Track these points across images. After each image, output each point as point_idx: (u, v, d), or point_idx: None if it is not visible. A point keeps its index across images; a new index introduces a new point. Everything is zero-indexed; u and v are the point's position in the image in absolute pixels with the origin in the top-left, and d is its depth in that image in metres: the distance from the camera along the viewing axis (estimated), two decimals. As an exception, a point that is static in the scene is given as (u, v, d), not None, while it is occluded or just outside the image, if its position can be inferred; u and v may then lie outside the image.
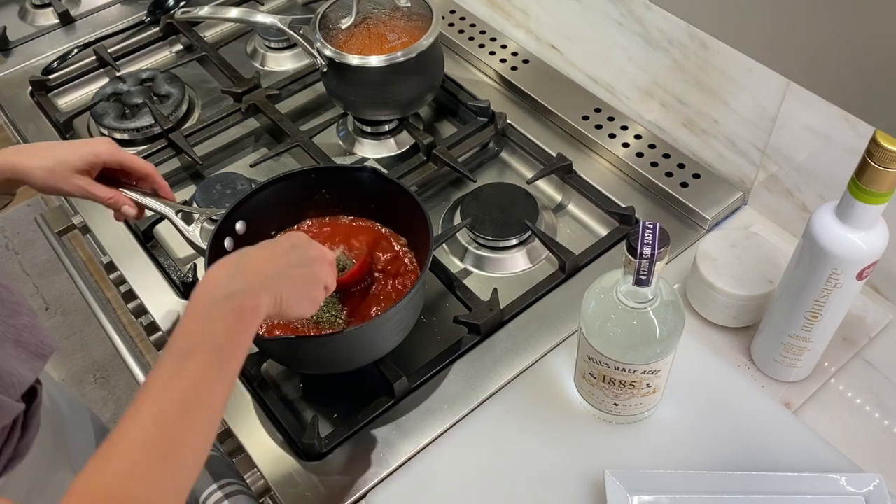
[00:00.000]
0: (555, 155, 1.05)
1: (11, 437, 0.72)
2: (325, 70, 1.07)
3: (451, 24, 1.27)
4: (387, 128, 1.13)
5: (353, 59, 1.02)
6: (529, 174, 1.06)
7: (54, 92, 1.24)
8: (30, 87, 1.22)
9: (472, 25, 1.26)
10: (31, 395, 0.76)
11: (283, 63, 1.28)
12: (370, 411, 0.82)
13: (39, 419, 0.77)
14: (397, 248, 0.88)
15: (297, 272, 0.64)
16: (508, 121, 1.11)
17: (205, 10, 1.18)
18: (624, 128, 1.08)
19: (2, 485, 0.71)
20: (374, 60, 1.02)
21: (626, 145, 1.05)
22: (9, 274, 0.75)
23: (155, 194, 0.86)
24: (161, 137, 1.13)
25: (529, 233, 0.97)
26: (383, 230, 0.90)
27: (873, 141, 0.61)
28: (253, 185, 0.98)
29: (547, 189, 1.07)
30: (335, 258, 0.73)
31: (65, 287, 2.14)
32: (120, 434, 0.50)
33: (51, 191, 0.79)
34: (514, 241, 0.97)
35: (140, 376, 0.95)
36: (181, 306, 0.93)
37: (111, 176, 0.83)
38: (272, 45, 1.28)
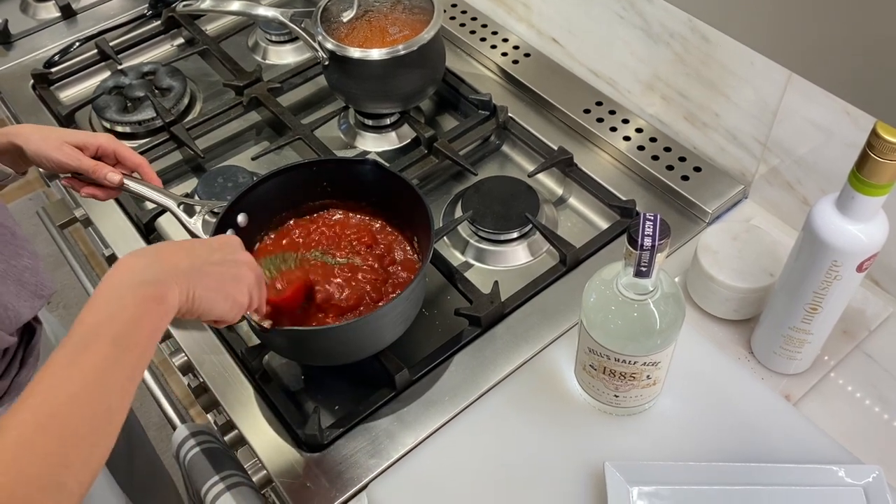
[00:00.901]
0: (556, 148, 1.05)
1: (8, 371, 0.74)
2: (326, 63, 1.07)
3: (453, 18, 1.27)
4: (388, 121, 1.13)
5: (355, 53, 1.02)
6: (530, 167, 1.06)
7: (56, 85, 1.24)
8: (31, 81, 1.22)
9: (474, 19, 1.26)
10: (31, 334, 0.78)
11: (284, 56, 1.28)
12: (371, 403, 0.82)
13: (38, 356, 0.79)
14: (398, 240, 0.89)
15: (216, 269, 0.62)
16: (510, 114, 1.11)
17: (206, 4, 1.17)
18: (625, 121, 1.08)
19: None
20: (376, 54, 1.02)
21: (627, 139, 1.06)
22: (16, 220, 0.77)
23: (157, 187, 0.86)
24: (163, 130, 1.14)
25: (530, 226, 0.97)
26: (379, 223, 0.90)
27: (874, 132, 0.61)
28: (254, 178, 0.98)
29: (548, 182, 1.07)
30: (262, 275, 0.70)
31: (67, 280, 2.13)
32: (3, 422, 0.48)
33: (43, 159, 0.79)
34: (515, 235, 0.97)
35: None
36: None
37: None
38: (273, 38, 1.28)
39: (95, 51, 1.27)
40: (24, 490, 0.45)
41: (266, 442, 0.81)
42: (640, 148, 1.04)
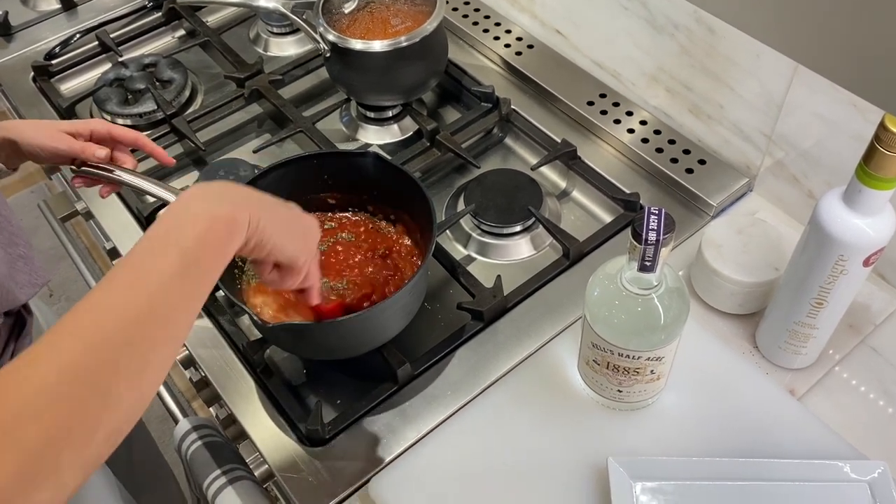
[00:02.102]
0: (559, 141, 1.04)
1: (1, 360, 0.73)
2: (328, 55, 1.06)
3: (455, 9, 1.26)
4: (390, 113, 1.12)
5: (357, 44, 1.02)
6: (534, 160, 1.06)
7: (57, 77, 1.23)
8: (32, 73, 1.22)
9: (477, 10, 1.25)
10: (21, 326, 0.78)
11: (285, 48, 1.27)
12: (373, 397, 0.82)
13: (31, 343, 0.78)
14: (400, 234, 0.88)
15: (286, 213, 0.62)
16: (513, 106, 1.10)
17: (207, -5, 1.17)
18: (629, 113, 1.07)
19: None
20: (378, 45, 1.01)
21: (631, 131, 1.05)
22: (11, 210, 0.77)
23: (157, 181, 0.86)
24: (164, 123, 1.13)
25: (533, 219, 0.97)
26: (385, 217, 0.90)
27: (882, 125, 0.60)
28: (256, 171, 0.97)
29: (551, 175, 1.06)
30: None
31: (68, 274, 2.14)
32: (57, 326, 0.46)
33: (37, 148, 0.79)
34: (517, 228, 0.97)
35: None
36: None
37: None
38: (275, 30, 1.27)
39: (96, 43, 1.26)
40: (77, 390, 0.43)
41: (268, 436, 0.81)
42: (645, 140, 1.03)
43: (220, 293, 0.92)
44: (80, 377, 0.44)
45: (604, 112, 1.08)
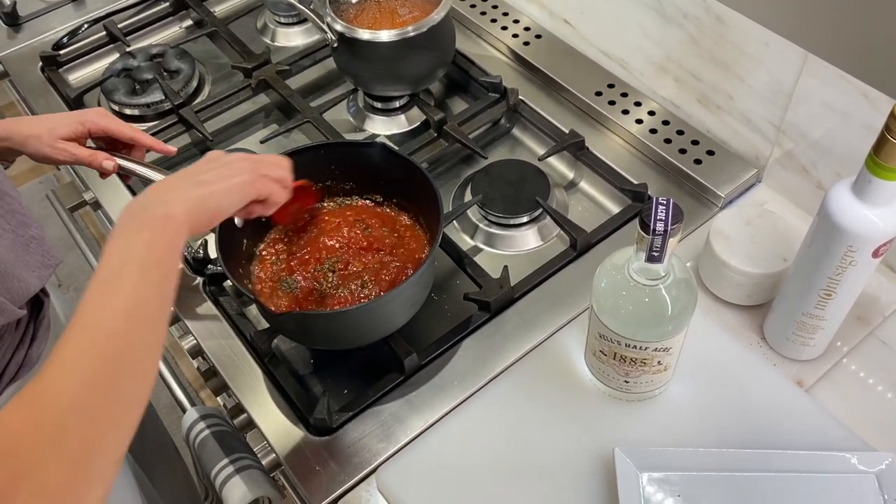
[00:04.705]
0: (567, 131, 1.04)
1: (21, 345, 0.75)
2: (335, 45, 1.06)
3: (463, -1, 1.25)
4: (397, 104, 1.12)
5: (364, 34, 1.01)
6: (541, 151, 1.05)
7: (65, 67, 1.23)
8: (40, 63, 1.22)
9: (484, 0, 1.25)
10: (39, 308, 0.79)
11: (293, 38, 1.27)
12: (380, 387, 0.82)
13: (49, 327, 0.79)
14: (407, 224, 0.88)
15: (212, 173, 0.65)
16: (520, 97, 1.10)
17: (214, -15, 1.17)
18: (637, 104, 1.06)
19: (12, 393, 0.73)
20: (385, 35, 1.01)
21: (639, 121, 1.04)
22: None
23: (165, 170, 0.86)
24: (171, 113, 1.13)
25: (541, 210, 0.96)
26: (392, 208, 0.89)
27: (892, 115, 0.59)
28: (263, 161, 0.97)
29: (559, 166, 1.06)
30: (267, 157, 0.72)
31: (77, 263, 2.14)
32: (61, 349, 0.50)
33: (41, 158, 0.82)
34: (525, 219, 0.97)
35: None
36: (193, 281, 0.93)
37: (113, 147, 0.85)
38: (282, 19, 1.27)
39: (104, 33, 1.26)
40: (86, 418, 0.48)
41: (275, 425, 0.81)
42: (653, 131, 1.03)
43: (228, 283, 0.93)
44: (99, 385, 0.49)
45: (612, 102, 1.07)
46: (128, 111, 1.15)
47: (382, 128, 1.11)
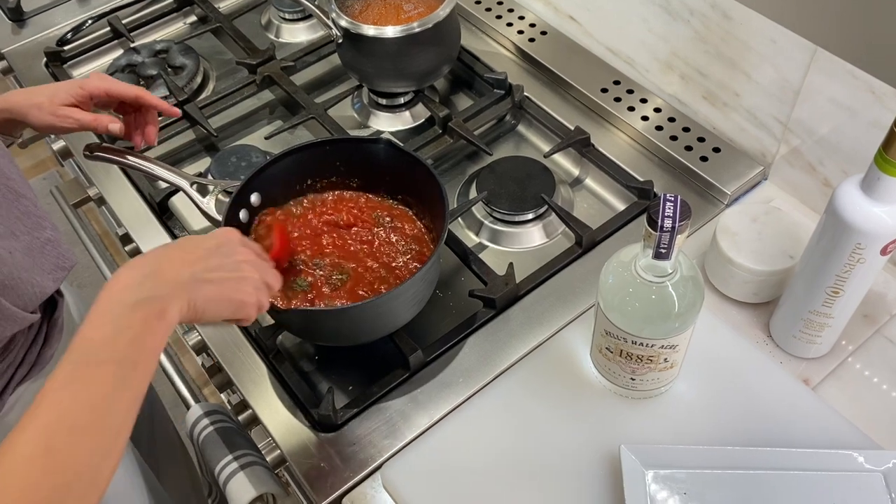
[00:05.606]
0: (572, 128, 1.03)
1: (34, 345, 0.74)
2: (340, 41, 1.06)
3: (468, -5, 1.25)
4: (402, 100, 1.11)
5: (369, 30, 1.01)
6: (546, 148, 1.05)
7: (69, 63, 1.23)
8: (45, 58, 1.22)
9: (489, -4, 1.25)
10: (53, 308, 0.79)
11: (297, 34, 1.27)
12: (385, 384, 0.82)
13: (62, 329, 0.79)
14: (412, 221, 0.88)
15: (215, 276, 0.60)
16: (525, 93, 1.09)
17: (219, -20, 1.17)
18: (643, 101, 1.06)
19: (22, 392, 0.73)
20: (390, 31, 1.00)
21: (645, 118, 1.04)
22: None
23: (170, 167, 0.86)
24: (176, 109, 1.13)
25: (546, 207, 0.96)
26: (397, 205, 0.89)
27: (902, 112, 0.59)
28: (268, 158, 0.97)
29: (564, 163, 1.06)
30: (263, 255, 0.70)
31: (81, 260, 2.14)
32: (6, 447, 0.48)
33: (45, 127, 0.82)
34: (530, 216, 0.96)
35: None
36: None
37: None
38: (287, 15, 1.27)
39: (108, 28, 1.26)
40: None
41: (280, 422, 0.81)
42: (659, 128, 1.03)
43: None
44: (58, 461, 0.48)
45: (617, 99, 1.07)
46: (132, 107, 1.15)
47: (387, 124, 1.11)
